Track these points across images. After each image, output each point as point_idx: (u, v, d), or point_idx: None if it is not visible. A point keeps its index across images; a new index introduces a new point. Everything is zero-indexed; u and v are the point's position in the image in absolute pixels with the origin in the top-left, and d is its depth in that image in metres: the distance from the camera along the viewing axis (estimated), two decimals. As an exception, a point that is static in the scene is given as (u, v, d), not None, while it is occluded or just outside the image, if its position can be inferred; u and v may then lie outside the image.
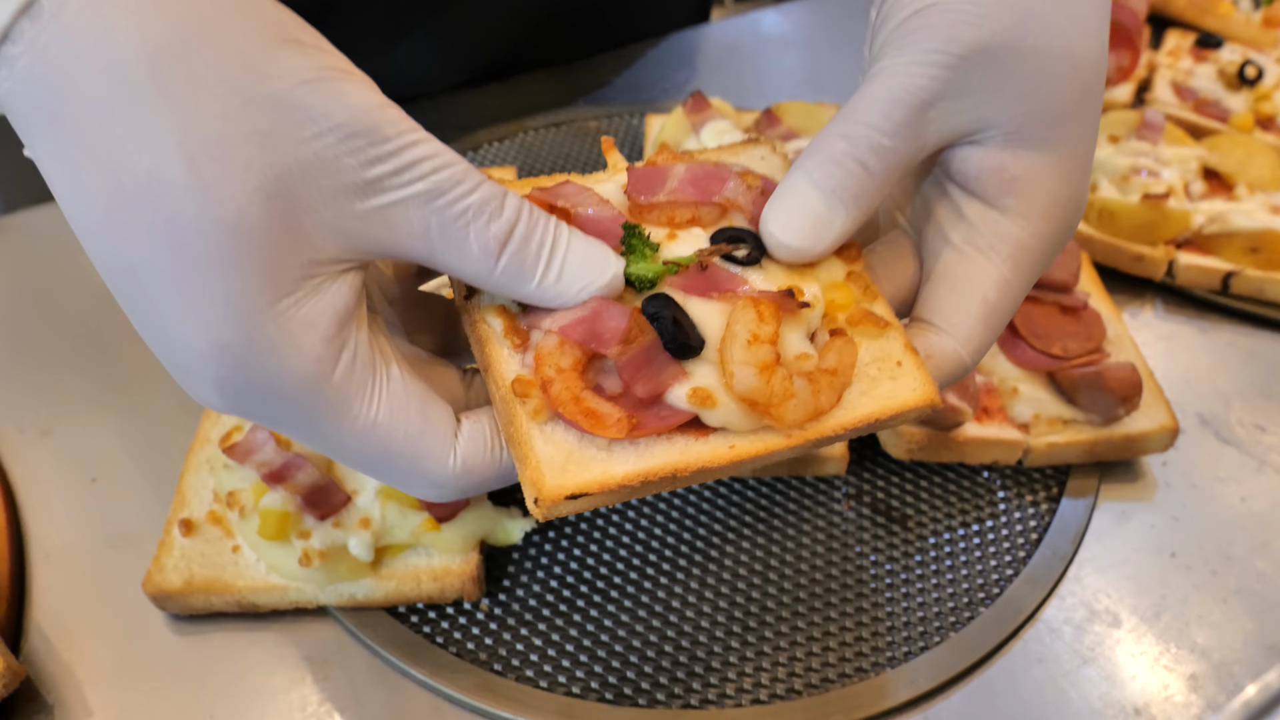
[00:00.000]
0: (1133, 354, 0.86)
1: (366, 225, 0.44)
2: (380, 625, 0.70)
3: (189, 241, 0.41)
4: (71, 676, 0.68)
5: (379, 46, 1.15)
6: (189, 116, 0.40)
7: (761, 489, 0.79)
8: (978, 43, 0.50)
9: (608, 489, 0.46)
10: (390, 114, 0.44)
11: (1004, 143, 0.52)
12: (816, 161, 0.51)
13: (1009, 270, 0.53)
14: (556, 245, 0.47)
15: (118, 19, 0.40)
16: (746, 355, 0.47)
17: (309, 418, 0.45)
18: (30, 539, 0.76)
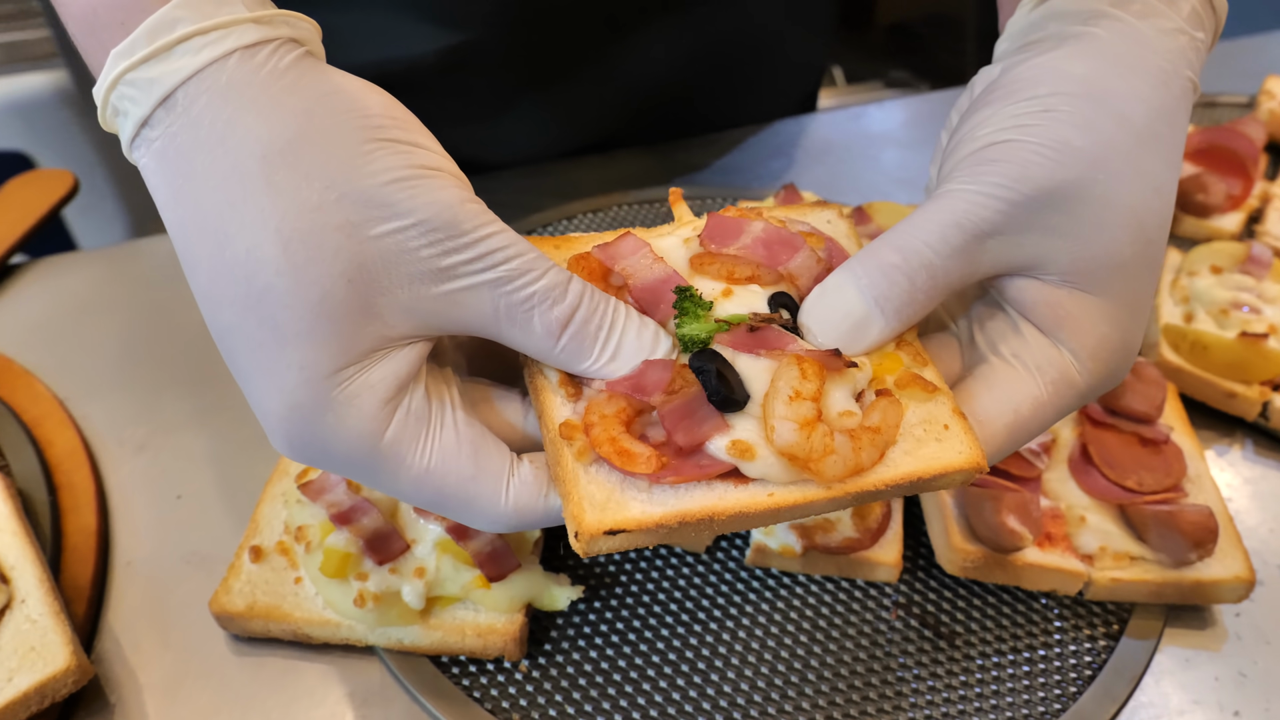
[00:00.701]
0: (1213, 496, 0.83)
1: (439, 306, 0.49)
2: (423, 672, 0.72)
3: (274, 314, 0.46)
4: (134, 680, 0.72)
5: (485, 115, 1.22)
6: (288, 206, 0.45)
7: (811, 586, 0.79)
8: (1047, 185, 0.52)
9: (645, 527, 0.48)
10: (470, 208, 0.49)
11: (1061, 281, 0.54)
12: (866, 268, 0.53)
13: (1048, 393, 0.55)
14: (614, 328, 0.52)
15: (238, 116, 0.45)
16: (788, 411, 0.49)
17: (367, 469, 0.50)
18: (115, 546, 0.81)
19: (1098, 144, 0.52)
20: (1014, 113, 0.53)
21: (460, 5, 1.10)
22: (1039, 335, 0.55)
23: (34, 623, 0.70)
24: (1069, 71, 0.54)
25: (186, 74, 0.46)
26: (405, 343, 0.49)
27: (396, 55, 1.14)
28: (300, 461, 0.50)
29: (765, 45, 1.37)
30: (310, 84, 0.48)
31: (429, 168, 0.48)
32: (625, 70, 1.27)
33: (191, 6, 0.46)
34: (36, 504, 0.81)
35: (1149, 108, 0.54)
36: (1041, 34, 0.58)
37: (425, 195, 0.47)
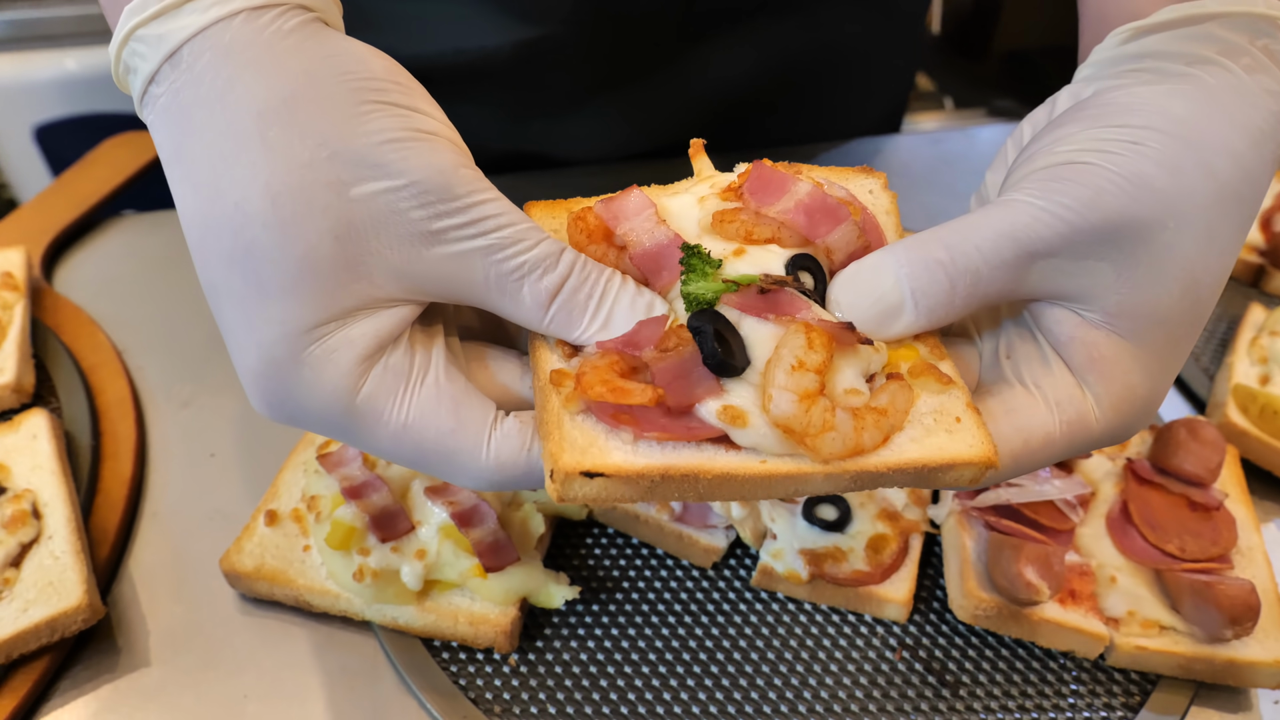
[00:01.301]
0: (1263, 571, 0.77)
1: (429, 270, 0.48)
2: (414, 653, 0.73)
3: (259, 268, 0.46)
4: (143, 626, 0.75)
5: (556, 111, 1.22)
6: (279, 162, 0.45)
7: (816, 615, 0.77)
8: (1116, 219, 0.49)
9: (624, 474, 0.46)
10: (464, 174, 0.48)
11: (1102, 320, 0.51)
12: (910, 258, 0.51)
13: (1061, 432, 0.52)
14: (605, 297, 0.50)
15: (238, 74, 0.46)
16: (788, 380, 0.47)
17: (343, 426, 0.49)
18: (146, 495, 0.85)
19: (1178, 189, 0.49)
20: (1100, 136, 0.51)
21: (539, 2, 1.11)
22: (1066, 372, 0.53)
23: (56, 559, 0.73)
24: (1168, 109, 0.51)
25: (192, 31, 0.47)
26: (391, 304, 0.49)
27: (473, 46, 1.15)
28: (278, 420, 0.50)
29: (845, 64, 1.34)
30: (313, 46, 0.48)
31: (426, 131, 0.48)
32: (699, 78, 1.26)
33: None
34: (80, 446, 0.85)
35: (1238, 165, 0.51)
36: (1138, 66, 0.55)
37: (419, 157, 0.47)
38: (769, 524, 0.78)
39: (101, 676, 0.72)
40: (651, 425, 0.47)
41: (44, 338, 0.94)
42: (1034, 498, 0.78)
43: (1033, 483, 0.79)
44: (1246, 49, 0.53)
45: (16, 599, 0.70)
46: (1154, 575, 0.76)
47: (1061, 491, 0.79)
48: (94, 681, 0.72)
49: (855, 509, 0.79)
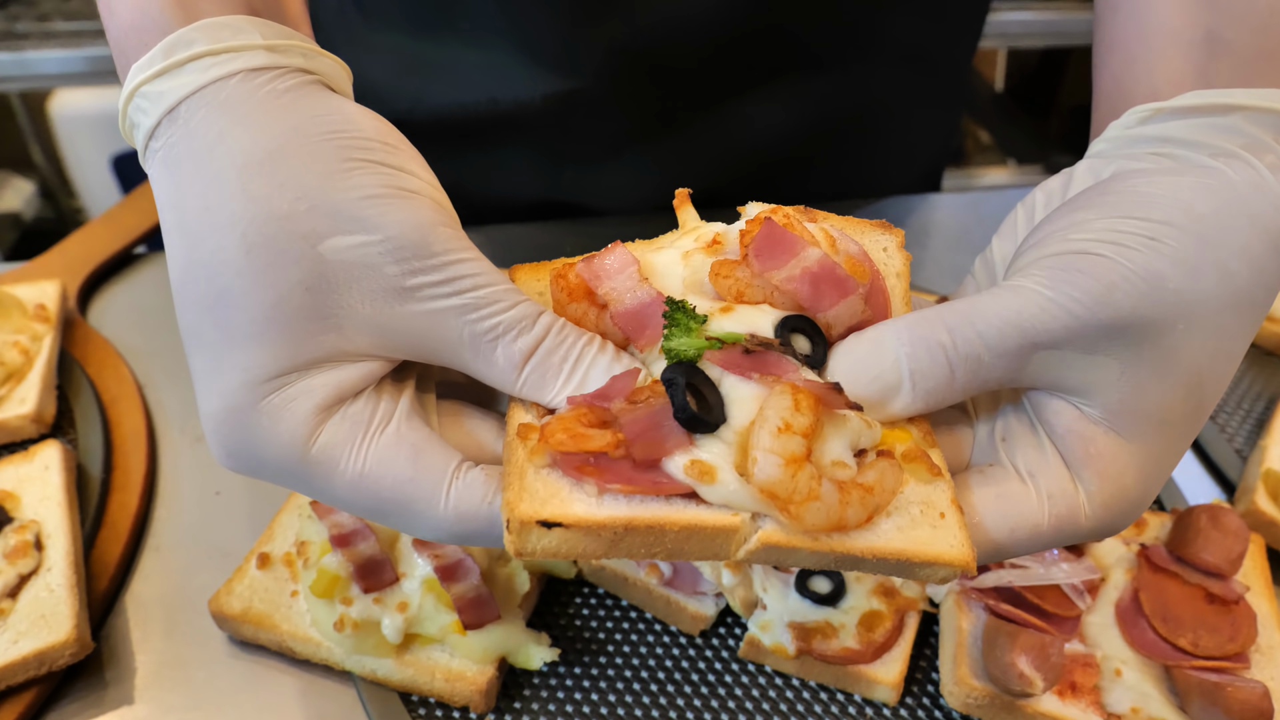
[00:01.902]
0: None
1: (402, 326, 0.48)
2: (390, 706, 0.72)
3: (229, 315, 0.47)
4: (132, 663, 0.76)
5: (589, 161, 1.23)
6: (258, 212, 0.46)
7: (803, 692, 0.75)
8: (1128, 316, 0.48)
9: (585, 526, 0.44)
10: (442, 232, 0.48)
11: (1101, 417, 0.50)
12: (913, 338, 0.49)
13: (1049, 524, 0.51)
14: (580, 361, 0.50)
15: (229, 129, 0.48)
16: (774, 443, 0.45)
17: (302, 476, 0.49)
18: (150, 529, 0.86)
19: (1193, 292, 0.48)
20: (1117, 228, 0.49)
21: (571, 55, 1.12)
22: (1061, 464, 0.51)
23: (52, 592, 0.74)
24: (1190, 205, 0.49)
25: (191, 89, 0.48)
26: (360, 359, 0.49)
27: (507, 96, 1.17)
28: (237, 470, 0.50)
29: (884, 121, 1.33)
30: (305, 105, 0.49)
31: (408, 190, 0.49)
32: (734, 131, 1.26)
33: (208, 30, 0.49)
34: (90, 478, 0.87)
35: (1255, 270, 0.49)
36: (1160, 151, 0.54)
37: (397, 214, 0.47)
38: (760, 594, 0.77)
39: (87, 711, 0.73)
40: (616, 477, 0.46)
41: (70, 369, 0.97)
42: (1039, 581, 0.75)
43: (1039, 565, 0.76)
44: (1271, 146, 0.51)
45: (9, 630, 0.72)
46: (1163, 671, 0.72)
47: (1069, 576, 0.76)
48: (79, 716, 0.73)
49: (851, 583, 0.77)
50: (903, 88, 1.30)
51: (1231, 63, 0.55)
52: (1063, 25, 2.76)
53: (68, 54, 2.28)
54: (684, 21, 1.10)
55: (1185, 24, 0.57)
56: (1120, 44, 0.60)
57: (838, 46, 1.21)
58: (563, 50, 1.12)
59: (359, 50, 1.22)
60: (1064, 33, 2.80)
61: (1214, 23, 0.56)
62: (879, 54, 1.24)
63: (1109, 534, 0.52)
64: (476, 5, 1.12)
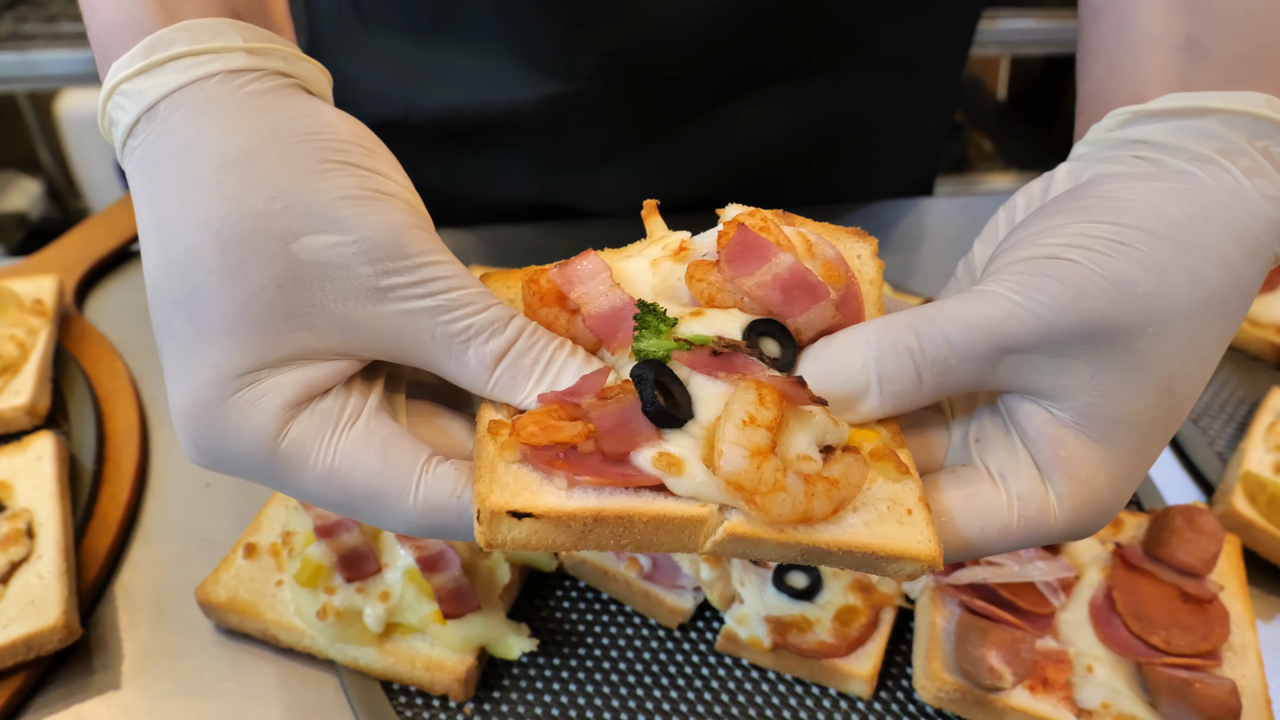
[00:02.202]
0: (1253, 670, 0.74)
1: (374, 327, 0.49)
2: (371, 695, 0.73)
3: (201, 311, 0.47)
4: (119, 649, 0.78)
5: (584, 164, 1.25)
6: (233, 211, 0.47)
7: (779, 685, 0.76)
8: (1095, 322, 0.48)
9: (554, 515, 0.45)
10: (416, 234, 0.49)
11: (1072, 420, 0.50)
12: (881, 342, 0.50)
13: (1019, 526, 0.51)
14: (551, 364, 0.51)
15: (206, 128, 0.48)
16: (739, 435, 0.46)
17: (271, 470, 0.49)
18: (141, 520, 0.88)
19: (1163, 296, 0.48)
20: (1088, 232, 0.50)
21: (565, 60, 1.14)
22: (1032, 466, 0.52)
23: (41, 579, 0.76)
24: (1164, 210, 0.50)
25: (170, 88, 0.49)
26: (331, 358, 0.49)
27: (501, 99, 1.19)
28: (206, 465, 0.51)
29: (876, 127, 1.34)
30: (282, 107, 0.50)
31: (383, 192, 0.50)
32: (727, 136, 1.27)
33: (189, 31, 0.50)
34: (83, 470, 0.89)
35: (1228, 274, 0.50)
36: (1136, 154, 0.54)
37: (372, 215, 0.48)
38: (738, 588, 0.78)
39: (74, 696, 0.74)
40: (586, 470, 0.47)
41: (65, 363, 0.99)
42: (1014, 578, 0.76)
43: (1014, 563, 0.77)
44: (1246, 150, 0.52)
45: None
46: (1135, 668, 0.73)
47: (1044, 574, 0.77)
48: (66, 701, 0.74)
49: (827, 578, 0.78)
50: (894, 95, 1.31)
51: (1211, 68, 0.56)
52: (1064, 34, 2.76)
53: (74, 55, 2.30)
54: (677, 28, 1.12)
55: (1166, 30, 0.57)
56: (1103, 50, 0.61)
57: (829, 54, 1.22)
58: (557, 55, 1.14)
59: (357, 53, 1.23)
60: (1066, 41, 2.80)
61: (1194, 29, 0.56)
62: (870, 61, 1.25)
63: (1081, 536, 0.52)
64: (472, 11, 1.14)
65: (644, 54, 1.14)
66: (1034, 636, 0.72)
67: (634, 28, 1.11)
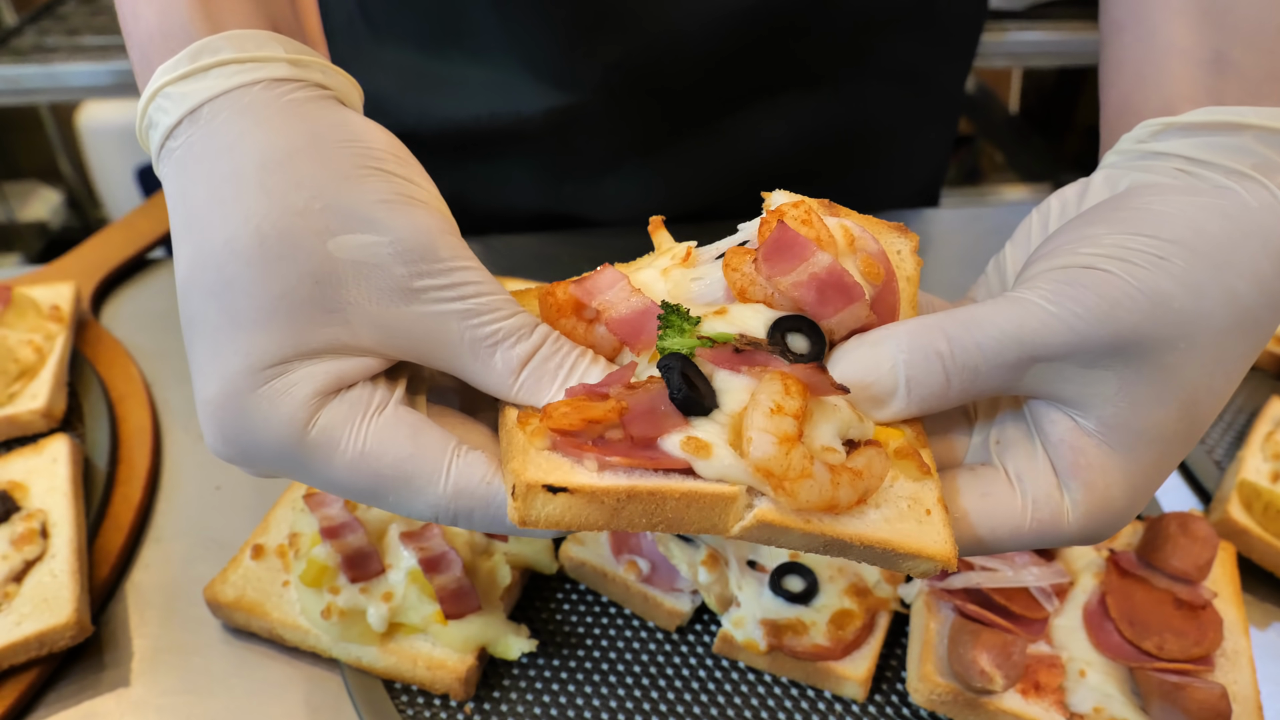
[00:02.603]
0: (1245, 675, 0.74)
1: (406, 326, 0.50)
2: (373, 693, 0.75)
3: (236, 301, 0.49)
4: (129, 647, 0.79)
5: (590, 174, 1.27)
6: (273, 206, 0.49)
7: (775, 687, 0.77)
8: (1129, 334, 0.48)
9: (588, 490, 0.46)
10: (448, 240, 0.51)
11: (1095, 429, 0.51)
12: (912, 344, 0.51)
13: (1030, 527, 0.52)
14: (574, 370, 0.52)
15: (250, 129, 0.50)
16: (767, 423, 0.47)
17: (299, 459, 0.50)
18: (152, 521, 0.90)
19: (1197, 312, 0.49)
20: (1125, 244, 0.50)
21: (571, 72, 1.16)
22: (1050, 471, 0.52)
23: (54, 577, 0.78)
24: (1202, 225, 0.50)
25: (216, 92, 0.51)
26: (360, 354, 0.51)
27: (508, 109, 1.21)
28: (230, 457, 0.51)
29: (879, 138, 1.35)
30: (323, 114, 0.52)
31: (417, 199, 0.52)
32: (731, 146, 1.29)
33: (234, 40, 0.53)
34: (96, 472, 0.91)
35: (1263, 291, 0.50)
36: (1175, 166, 0.54)
37: (407, 219, 0.50)
38: (735, 591, 0.79)
39: (85, 692, 0.76)
40: (615, 452, 0.48)
41: (81, 368, 1.01)
42: (1008, 583, 0.77)
43: (1008, 568, 0.78)
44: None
45: (13, 612, 0.75)
46: (1127, 673, 0.74)
47: (1039, 579, 0.77)
48: (77, 696, 0.76)
49: (824, 582, 0.79)
50: (896, 105, 1.33)
51: (1239, 83, 0.56)
52: (1076, 45, 2.76)
53: (96, 67, 2.34)
54: (681, 40, 1.14)
55: (1194, 44, 0.58)
56: (1129, 63, 0.61)
57: (831, 65, 1.23)
58: (563, 67, 1.16)
59: (368, 64, 1.26)
60: (1077, 53, 2.79)
61: (1222, 44, 0.57)
62: (872, 72, 1.26)
63: (1091, 542, 0.53)
64: (480, 23, 1.16)
65: (649, 66, 1.16)
66: (1027, 640, 0.73)
67: (638, 40, 1.13)
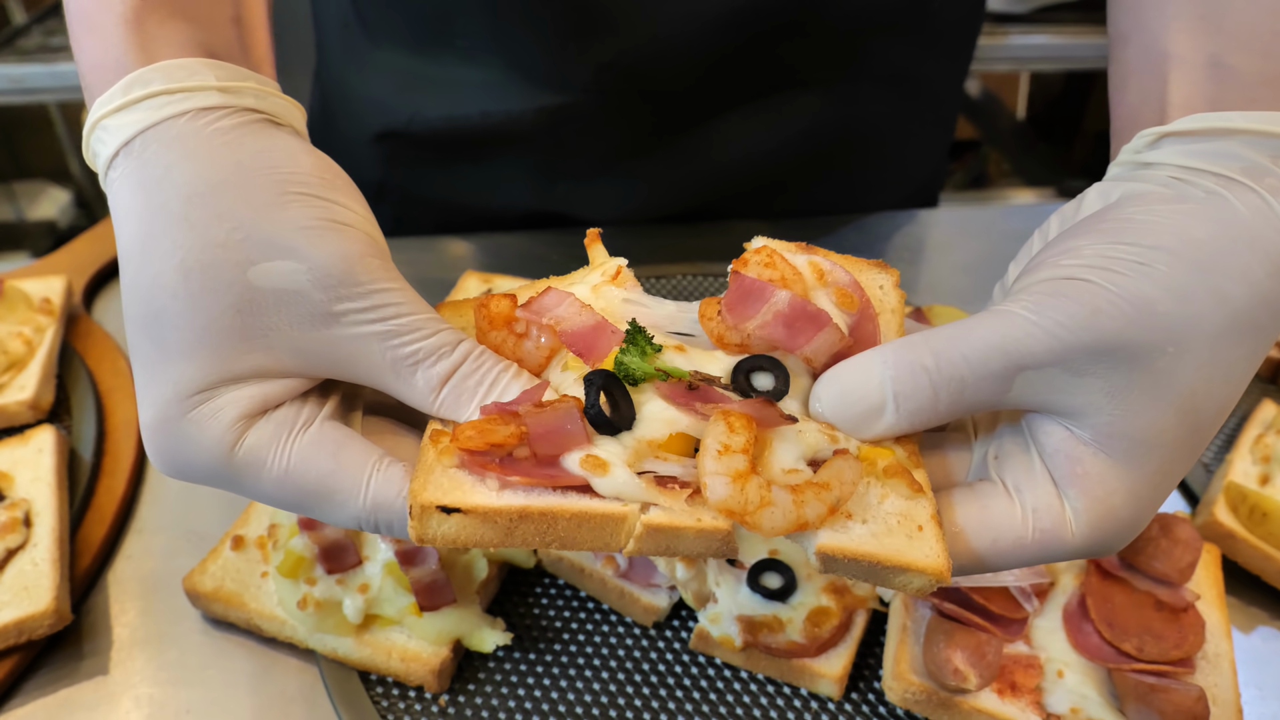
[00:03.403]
0: (1226, 679, 0.74)
1: (328, 350, 0.52)
2: (348, 684, 0.75)
3: (164, 333, 0.50)
4: (109, 636, 0.80)
5: (580, 175, 1.27)
6: (195, 241, 0.50)
7: (751, 684, 0.76)
8: (1111, 341, 0.48)
9: (480, 511, 0.48)
10: (368, 263, 0.52)
11: (1091, 438, 0.51)
12: (897, 361, 0.51)
13: (1033, 539, 0.52)
14: (494, 385, 0.53)
15: (176, 162, 0.51)
16: (717, 465, 0.48)
17: (229, 478, 0.52)
18: (136, 513, 0.90)
19: (1183, 315, 0.48)
20: (1108, 254, 0.50)
21: (561, 73, 1.16)
22: (1049, 482, 0.52)
23: (35, 566, 0.78)
24: (1187, 231, 0.50)
25: (145, 125, 0.52)
26: (285, 376, 0.52)
27: (499, 110, 1.21)
28: (172, 476, 0.53)
29: (872, 140, 1.35)
30: (249, 141, 0.53)
31: (340, 222, 0.52)
32: (722, 148, 1.29)
33: (165, 71, 0.53)
34: (81, 463, 0.91)
35: (1254, 292, 0.49)
36: (1164, 173, 0.54)
37: (326, 245, 0.51)
38: (713, 587, 0.78)
39: (62, 680, 0.77)
40: (516, 472, 0.49)
41: (70, 360, 1.02)
42: (987, 583, 0.76)
43: (987, 567, 0.77)
44: (1271, 170, 0.52)
45: (-8, 599, 0.75)
46: (1106, 674, 0.73)
47: (1018, 580, 0.77)
48: (55, 684, 0.76)
49: (802, 580, 0.78)
50: (887, 108, 1.32)
51: (1236, 87, 0.56)
52: (1081, 50, 2.74)
53: (102, 67, 2.35)
54: (670, 41, 1.14)
55: (1190, 50, 0.58)
56: (1132, 74, 0.61)
57: (821, 68, 1.23)
58: (552, 68, 1.16)
59: (361, 66, 1.26)
60: (1082, 57, 2.78)
61: (1218, 49, 0.57)
62: (863, 75, 1.26)
63: (1101, 553, 0.52)
64: (470, 25, 1.17)
65: (638, 67, 1.16)
66: (1002, 640, 0.73)
67: (627, 41, 1.13)
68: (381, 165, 1.30)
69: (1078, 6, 2.78)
